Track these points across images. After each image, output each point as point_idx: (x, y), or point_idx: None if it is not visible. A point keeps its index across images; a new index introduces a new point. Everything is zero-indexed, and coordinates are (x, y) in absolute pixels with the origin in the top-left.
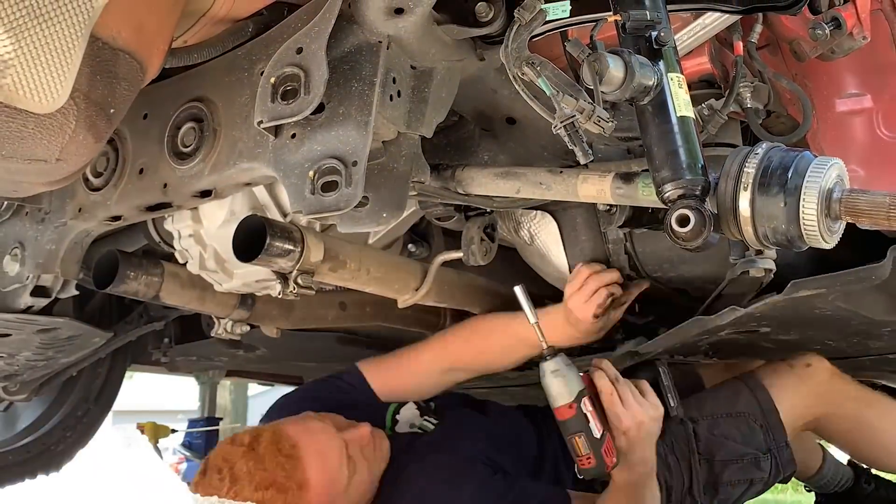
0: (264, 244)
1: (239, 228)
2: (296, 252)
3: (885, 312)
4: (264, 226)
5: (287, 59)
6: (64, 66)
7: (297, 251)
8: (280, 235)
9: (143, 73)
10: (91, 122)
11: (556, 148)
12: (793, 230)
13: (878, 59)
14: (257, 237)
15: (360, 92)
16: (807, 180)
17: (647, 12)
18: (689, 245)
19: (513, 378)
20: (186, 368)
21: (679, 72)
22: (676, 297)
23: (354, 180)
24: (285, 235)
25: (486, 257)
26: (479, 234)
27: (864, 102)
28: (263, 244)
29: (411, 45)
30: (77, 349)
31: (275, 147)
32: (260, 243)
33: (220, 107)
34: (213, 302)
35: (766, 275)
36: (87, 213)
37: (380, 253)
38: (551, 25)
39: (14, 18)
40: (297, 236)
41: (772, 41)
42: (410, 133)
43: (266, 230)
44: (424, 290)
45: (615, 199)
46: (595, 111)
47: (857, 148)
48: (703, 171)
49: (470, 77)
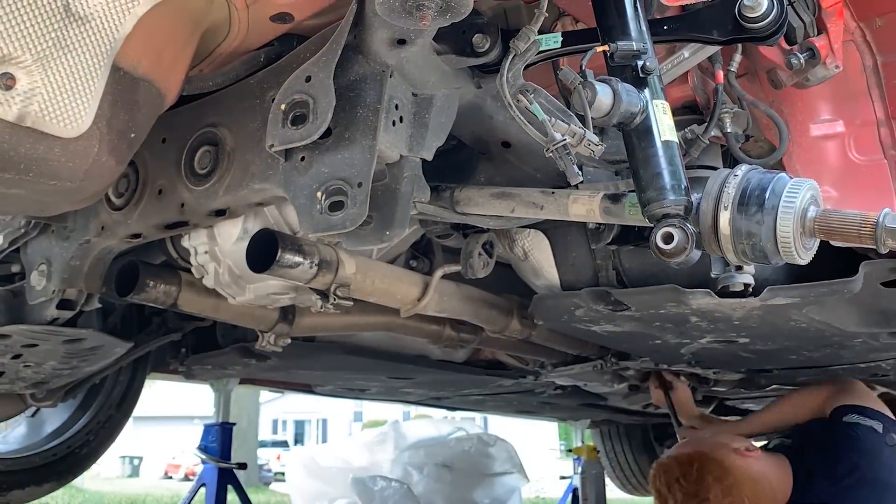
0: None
1: (252, 241)
2: (305, 264)
3: (856, 324)
4: (276, 239)
5: (297, 86)
6: (88, 94)
7: (308, 263)
8: (291, 248)
9: (162, 100)
10: (113, 146)
11: (549, 170)
12: (770, 247)
13: (849, 87)
14: (270, 250)
15: (365, 118)
16: (783, 200)
17: (633, 43)
18: (673, 261)
19: (508, 385)
20: (202, 376)
21: (663, 99)
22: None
23: (359, 200)
24: (296, 248)
25: (484, 271)
26: (478, 249)
27: (837, 127)
28: (275, 257)
29: (413, 73)
30: (100, 358)
31: (285, 169)
32: (272, 256)
33: (233, 131)
34: (251, 317)
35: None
36: (109, 231)
37: (383, 265)
38: (544, 55)
39: (41, 49)
40: (308, 249)
41: (750, 70)
42: (412, 156)
43: (278, 243)
44: (426, 300)
45: (604, 218)
46: (585, 136)
47: (830, 170)
48: (686, 191)
49: (468, 103)
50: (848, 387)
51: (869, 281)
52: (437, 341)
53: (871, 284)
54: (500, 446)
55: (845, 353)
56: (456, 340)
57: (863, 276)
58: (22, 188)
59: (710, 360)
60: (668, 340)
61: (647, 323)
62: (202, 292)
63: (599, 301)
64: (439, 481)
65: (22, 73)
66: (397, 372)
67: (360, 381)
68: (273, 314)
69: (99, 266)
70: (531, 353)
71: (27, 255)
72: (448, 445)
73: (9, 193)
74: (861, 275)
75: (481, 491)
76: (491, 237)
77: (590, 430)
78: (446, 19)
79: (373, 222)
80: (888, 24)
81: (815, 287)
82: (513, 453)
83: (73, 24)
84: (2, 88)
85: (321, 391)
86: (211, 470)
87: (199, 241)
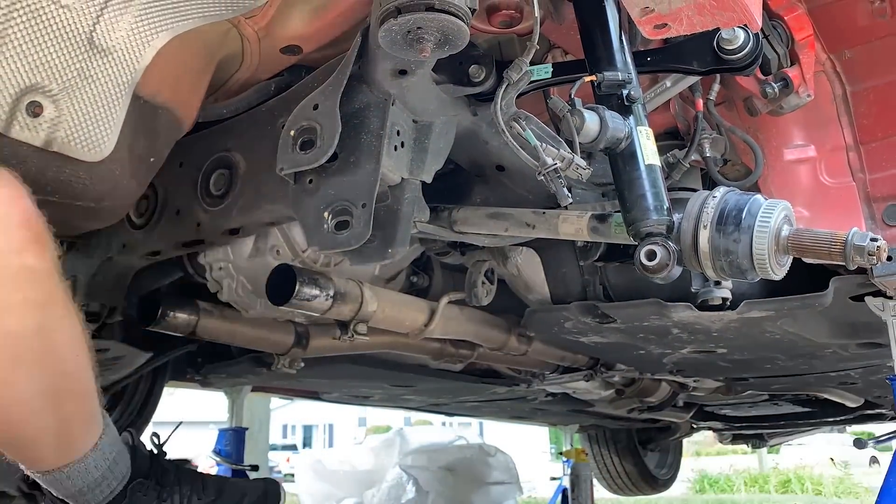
0: (294, 290)
1: (272, 275)
2: (322, 297)
3: (826, 336)
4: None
5: (305, 114)
6: (110, 121)
7: (324, 296)
8: (309, 282)
9: (180, 127)
10: (134, 170)
11: (540, 192)
12: (746, 263)
13: (820, 114)
14: (289, 283)
15: (369, 143)
16: (758, 220)
17: (619, 73)
18: (655, 277)
19: (502, 393)
20: (217, 385)
21: (647, 125)
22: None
23: (364, 220)
24: (313, 282)
25: (487, 298)
26: (481, 278)
27: (809, 152)
28: (293, 289)
29: (413, 102)
30: (122, 368)
31: (294, 191)
32: (291, 289)
33: (246, 156)
34: (267, 342)
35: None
36: (131, 248)
37: (393, 294)
38: (536, 84)
39: (67, 79)
40: (323, 283)
41: (728, 98)
42: (412, 179)
43: (296, 277)
44: (433, 325)
45: (591, 237)
46: (574, 160)
47: (802, 192)
48: (668, 212)
49: (464, 130)
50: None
51: (839, 295)
52: (437, 358)
53: (841, 298)
54: (499, 457)
55: (817, 363)
56: (455, 357)
57: (833, 291)
58: (48, 209)
59: (690, 369)
60: (652, 351)
61: (632, 334)
62: (219, 319)
63: (587, 314)
64: (442, 483)
65: (49, 101)
66: (399, 380)
67: (364, 389)
68: (288, 339)
69: (121, 281)
70: (525, 365)
71: None
72: (450, 452)
73: None
74: (831, 289)
75: (478, 497)
76: (492, 265)
77: (578, 434)
78: (444, 51)
79: (376, 241)
80: (856, 56)
81: (789, 301)
82: (511, 465)
83: (97, 56)
84: (30, 115)
85: (328, 398)
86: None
87: (215, 257)
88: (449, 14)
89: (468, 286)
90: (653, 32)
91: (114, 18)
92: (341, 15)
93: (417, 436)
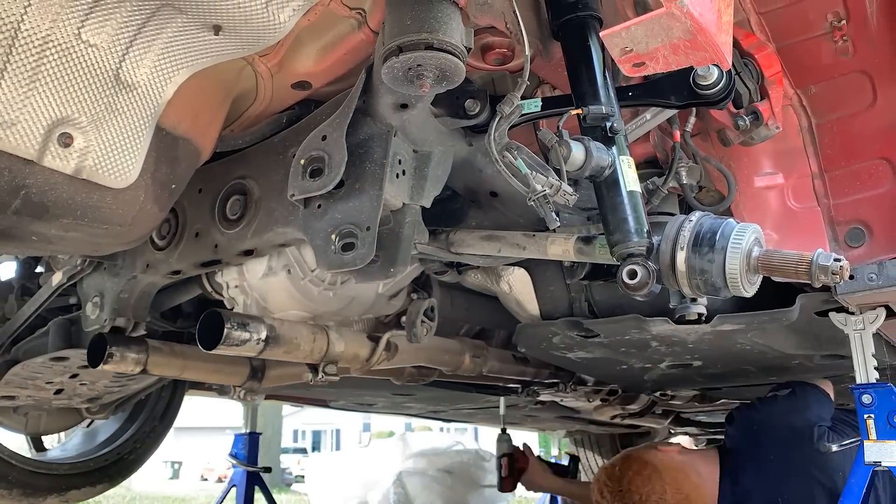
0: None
1: (202, 321)
2: (252, 340)
3: (793, 348)
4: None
5: (314, 144)
6: (135, 151)
7: (255, 339)
8: (238, 326)
9: (199, 156)
10: (156, 196)
11: (530, 216)
12: (720, 282)
13: (788, 144)
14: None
15: (373, 171)
16: (731, 242)
17: (602, 107)
18: (636, 294)
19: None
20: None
21: (628, 155)
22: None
23: (368, 242)
24: (242, 326)
25: (427, 336)
26: (420, 317)
27: (777, 179)
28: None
29: (414, 133)
30: (145, 377)
31: (304, 215)
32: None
33: (260, 183)
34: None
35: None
36: (153, 268)
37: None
38: (526, 117)
39: (95, 112)
40: (254, 327)
41: (703, 130)
42: (413, 204)
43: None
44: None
45: (577, 257)
46: (562, 187)
47: (771, 216)
48: (648, 234)
49: (461, 159)
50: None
51: (804, 311)
52: (399, 379)
53: (807, 313)
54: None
55: (785, 373)
56: (416, 376)
57: (799, 307)
58: (78, 231)
59: (669, 385)
60: (633, 365)
61: (615, 349)
62: (169, 356)
63: (573, 329)
64: (441, 484)
65: (78, 132)
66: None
67: (368, 397)
68: (244, 371)
69: (144, 298)
70: (490, 381)
71: (83, 289)
72: (449, 456)
73: (67, 236)
74: (798, 305)
75: (474, 498)
76: (432, 303)
77: (565, 439)
78: (442, 87)
79: (379, 261)
80: (821, 91)
81: (759, 315)
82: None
83: (123, 90)
84: (61, 146)
85: (335, 405)
86: (240, 473)
87: (231, 276)
88: (446, 53)
89: (408, 325)
90: (632, 70)
91: (138, 57)
92: (347, 53)
93: (418, 441)
